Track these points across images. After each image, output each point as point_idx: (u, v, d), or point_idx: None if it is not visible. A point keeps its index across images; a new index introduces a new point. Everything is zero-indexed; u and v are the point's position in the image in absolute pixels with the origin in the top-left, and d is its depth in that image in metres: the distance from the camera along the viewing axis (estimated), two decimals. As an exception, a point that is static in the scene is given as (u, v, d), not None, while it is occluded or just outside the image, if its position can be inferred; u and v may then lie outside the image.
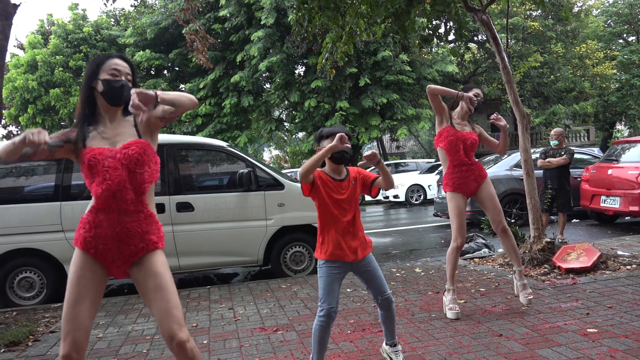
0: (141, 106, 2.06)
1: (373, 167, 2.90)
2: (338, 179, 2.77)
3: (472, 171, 3.92)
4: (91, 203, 2.16)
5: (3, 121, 20.89)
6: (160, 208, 5.42)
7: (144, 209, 2.17)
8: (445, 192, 4.03)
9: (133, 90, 2.06)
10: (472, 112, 3.99)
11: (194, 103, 2.29)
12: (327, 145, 2.60)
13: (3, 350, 3.80)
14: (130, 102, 2.06)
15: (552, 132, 7.30)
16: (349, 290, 4.93)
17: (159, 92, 2.13)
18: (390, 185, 2.80)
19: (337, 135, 2.55)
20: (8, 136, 23.12)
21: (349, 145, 2.66)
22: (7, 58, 20.70)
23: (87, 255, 2.13)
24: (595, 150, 13.82)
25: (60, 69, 19.90)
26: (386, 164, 19.34)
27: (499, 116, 3.87)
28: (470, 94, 3.98)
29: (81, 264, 2.13)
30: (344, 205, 2.74)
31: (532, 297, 3.98)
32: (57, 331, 4.20)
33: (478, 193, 3.97)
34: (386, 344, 3.01)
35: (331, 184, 2.75)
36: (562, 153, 7.02)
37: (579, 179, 8.89)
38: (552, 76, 23.52)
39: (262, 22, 17.53)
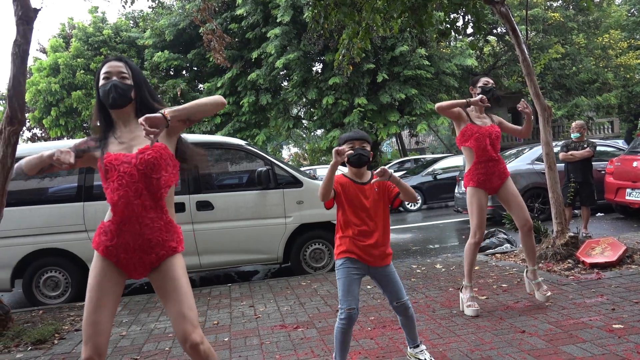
0: (152, 132, 2.01)
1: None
2: (360, 182, 2.72)
3: (497, 167, 3.86)
4: (110, 214, 2.13)
5: (27, 124, 21.34)
6: (181, 207, 5.48)
7: (163, 216, 2.15)
8: (466, 188, 3.96)
9: (141, 119, 2.00)
10: (490, 106, 3.93)
11: (219, 104, 2.24)
12: (344, 150, 2.61)
13: (30, 348, 3.89)
14: (144, 131, 2.01)
15: (574, 125, 7.15)
16: (369, 287, 4.92)
17: (167, 112, 2.06)
18: (411, 198, 2.70)
19: (334, 150, 2.53)
20: (32, 138, 23.57)
21: (368, 148, 2.67)
22: (30, 62, 21.14)
23: (108, 262, 2.14)
24: (620, 143, 13.51)
25: (82, 71, 20.18)
26: (405, 160, 19.37)
27: (526, 104, 3.85)
28: (479, 85, 3.95)
29: (102, 270, 2.13)
30: (363, 213, 2.67)
31: (549, 293, 3.89)
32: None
33: (501, 191, 3.90)
34: (410, 348, 2.97)
35: (352, 188, 2.70)
36: (585, 146, 6.89)
37: (602, 172, 8.71)
38: (574, 68, 23.02)
39: (278, 20, 17.55)
